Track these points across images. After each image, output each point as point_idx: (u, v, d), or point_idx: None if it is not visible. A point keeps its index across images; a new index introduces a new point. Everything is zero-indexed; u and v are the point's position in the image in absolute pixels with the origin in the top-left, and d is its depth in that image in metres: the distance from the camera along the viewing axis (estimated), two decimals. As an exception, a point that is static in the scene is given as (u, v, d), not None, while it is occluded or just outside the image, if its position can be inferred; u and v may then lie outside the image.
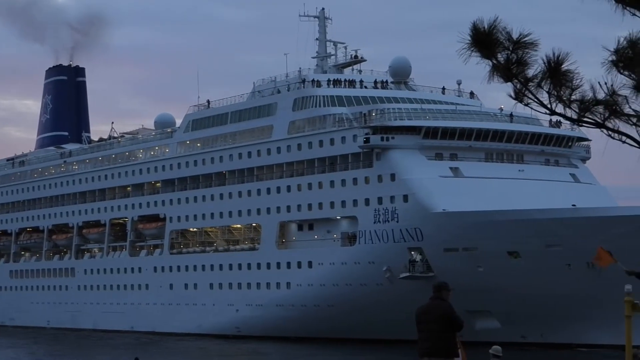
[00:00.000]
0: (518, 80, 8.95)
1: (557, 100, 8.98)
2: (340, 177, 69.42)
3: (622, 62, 8.95)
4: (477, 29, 8.75)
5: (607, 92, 8.97)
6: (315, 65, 79.64)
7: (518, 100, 9.13)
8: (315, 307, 68.06)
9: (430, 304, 13.27)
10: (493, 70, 8.90)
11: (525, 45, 8.81)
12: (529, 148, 67.98)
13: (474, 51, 8.84)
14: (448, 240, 60.99)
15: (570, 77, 8.89)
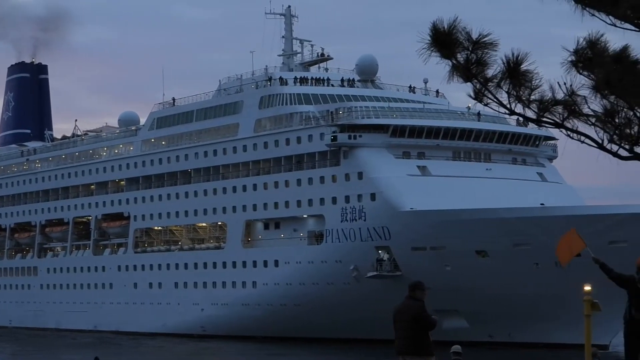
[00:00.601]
0: (477, 80, 9.13)
1: (516, 100, 9.19)
2: (307, 176, 69.62)
3: (581, 63, 9.17)
4: (436, 29, 8.94)
5: (566, 93, 9.19)
6: (281, 63, 79.74)
7: (477, 100, 9.34)
8: (281, 306, 68.24)
9: (405, 303, 13.90)
10: (453, 70, 9.10)
11: (485, 46, 8.97)
12: (496, 147, 68.46)
13: (434, 51, 9.03)
14: (416, 239, 61.35)
15: (530, 77, 9.08)
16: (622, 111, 9.08)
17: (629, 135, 9.09)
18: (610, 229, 53.95)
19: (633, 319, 14.32)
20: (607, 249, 49.15)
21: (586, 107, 9.25)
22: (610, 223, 54.38)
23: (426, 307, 13.91)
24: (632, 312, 14.33)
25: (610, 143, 9.23)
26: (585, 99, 9.21)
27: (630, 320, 14.36)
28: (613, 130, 9.15)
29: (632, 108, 9.04)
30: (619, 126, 9.12)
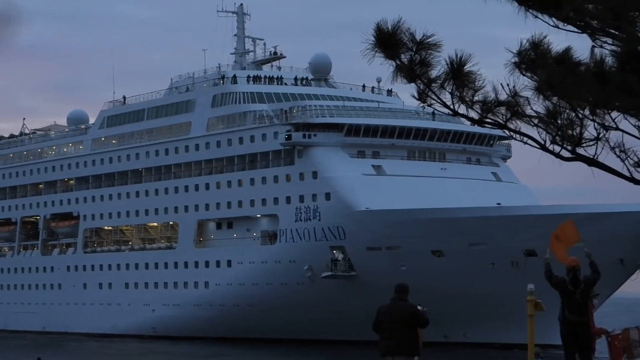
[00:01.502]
0: (421, 81, 9.33)
1: (459, 101, 9.40)
2: (260, 175, 69.73)
3: (524, 64, 9.40)
4: (380, 30, 9.13)
5: (509, 94, 9.42)
6: (233, 61, 79.79)
7: (421, 101, 9.53)
8: (234, 306, 68.29)
9: (394, 304, 14.38)
10: (397, 70, 9.30)
11: (429, 47, 9.15)
12: (451, 146, 68.95)
13: (378, 52, 9.22)
14: (371, 239, 61.68)
15: (473, 78, 9.27)
16: (564, 112, 9.32)
17: (571, 137, 9.33)
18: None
19: (566, 319, 14.71)
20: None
21: (529, 108, 9.49)
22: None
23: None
24: (565, 314, 14.71)
25: (553, 144, 9.48)
26: (528, 100, 9.42)
27: (564, 321, 14.75)
28: (555, 131, 9.39)
29: (574, 109, 9.29)
30: (561, 127, 9.36)
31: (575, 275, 14.74)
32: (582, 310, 14.78)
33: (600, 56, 9.21)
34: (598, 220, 54.46)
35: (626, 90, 8.99)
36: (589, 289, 14.93)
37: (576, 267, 14.83)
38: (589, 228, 54.21)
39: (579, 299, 14.73)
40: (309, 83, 75.12)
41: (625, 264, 56.25)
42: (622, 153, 9.20)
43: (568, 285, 14.70)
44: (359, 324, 61.65)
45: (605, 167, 9.37)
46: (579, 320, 14.73)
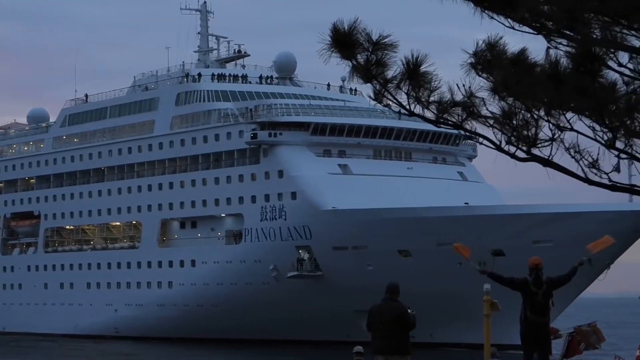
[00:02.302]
0: (377, 81, 9.46)
1: (415, 101, 9.55)
2: (225, 174, 69.77)
3: (480, 65, 9.56)
4: (337, 30, 9.26)
5: (465, 94, 9.58)
6: (197, 59, 79.75)
7: (377, 101, 9.65)
8: (198, 307, 68.30)
9: (385, 304, 14.74)
10: (353, 70, 9.43)
11: (385, 47, 9.29)
12: (417, 145, 69.23)
13: (334, 52, 9.35)
14: (337, 239, 61.86)
15: (429, 78, 9.43)
16: (519, 113, 9.48)
17: (527, 137, 9.48)
18: (535, 228, 55.03)
19: (528, 320, 14.90)
20: (531, 249, 50.23)
21: (485, 109, 9.63)
22: (535, 222, 55.43)
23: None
24: (527, 314, 14.91)
25: (508, 145, 9.64)
26: (484, 101, 9.58)
27: (525, 321, 14.95)
28: (511, 132, 9.54)
29: (529, 110, 9.44)
30: (516, 128, 9.51)
31: (538, 275, 14.92)
32: (544, 311, 14.98)
33: (555, 57, 9.38)
34: (565, 220, 54.94)
35: (581, 92, 9.16)
36: (551, 290, 15.12)
37: (539, 267, 15.01)
38: (556, 228, 54.87)
39: (541, 300, 14.93)
40: (273, 82, 75.21)
41: (593, 264, 56.65)
42: (577, 154, 9.37)
43: (531, 285, 14.88)
44: (324, 324, 62.18)
45: (560, 168, 9.54)
46: (541, 320, 14.93)
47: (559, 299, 54.88)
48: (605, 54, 9.34)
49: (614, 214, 54.35)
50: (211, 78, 73.72)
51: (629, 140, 9.32)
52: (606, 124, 9.27)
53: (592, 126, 9.37)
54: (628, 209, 53.48)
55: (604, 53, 9.33)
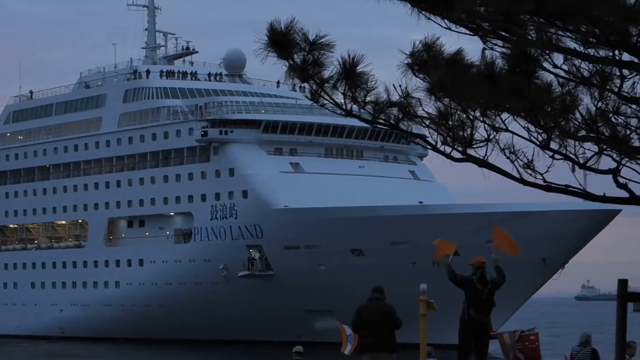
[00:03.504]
0: (314, 81, 9.60)
1: (352, 102, 9.71)
2: (174, 172, 69.72)
3: (417, 65, 9.73)
4: (274, 30, 9.40)
5: (401, 94, 9.75)
6: (144, 56, 79.58)
7: (314, 101, 9.78)
8: (146, 307, 68.18)
9: (373, 303, 15.55)
10: (289, 70, 9.57)
11: (322, 47, 9.42)
12: (368, 144, 69.54)
13: (271, 51, 9.50)
14: (289, 238, 61.99)
15: (365, 78, 9.59)
16: (455, 114, 9.67)
17: (462, 138, 9.65)
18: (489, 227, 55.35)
19: (471, 318, 15.14)
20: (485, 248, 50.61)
21: (420, 109, 9.81)
22: (490, 222, 55.72)
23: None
24: (470, 313, 15.15)
25: (444, 145, 9.82)
26: (420, 101, 9.76)
27: (467, 320, 15.18)
28: (447, 132, 9.73)
29: (465, 111, 9.62)
30: (452, 128, 9.70)
31: (483, 274, 15.18)
32: (488, 310, 15.24)
33: (491, 58, 9.56)
34: (520, 220, 55.37)
35: (516, 93, 9.33)
36: (495, 289, 15.38)
37: (483, 266, 15.27)
38: (510, 227, 55.16)
39: (486, 298, 15.18)
40: (223, 79, 75.16)
41: (548, 263, 57.35)
42: (512, 154, 9.55)
43: (476, 284, 15.11)
44: (275, 324, 62.27)
45: (495, 168, 9.72)
46: (485, 320, 15.18)
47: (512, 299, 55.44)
48: (541, 56, 9.53)
49: (569, 213, 54.93)
50: (160, 75, 73.61)
51: (564, 141, 9.52)
52: (541, 125, 9.46)
53: (527, 127, 9.55)
54: (583, 208, 54.08)
55: (539, 54, 9.52)
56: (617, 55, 9.46)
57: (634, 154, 9.69)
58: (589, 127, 9.46)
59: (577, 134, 9.52)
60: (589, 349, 19.32)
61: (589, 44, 9.49)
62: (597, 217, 56.10)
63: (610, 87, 9.48)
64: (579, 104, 9.49)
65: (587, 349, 19.35)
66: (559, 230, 55.52)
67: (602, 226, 57.76)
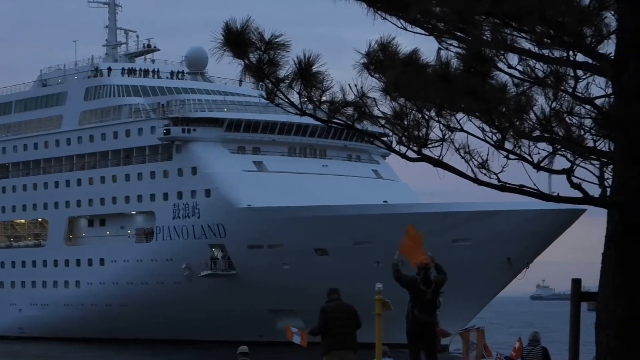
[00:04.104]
0: (270, 81, 9.65)
1: (307, 101, 9.77)
2: (136, 171, 69.62)
3: (373, 65, 9.82)
4: (229, 29, 9.44)
5: (357, 94, 9.82)
6: (105, 53, 79.35)
7: (270, 101, 9.82)
8: (106, 306, 68.05)
9: (338, 304, 16.22)
10: (245, 69, 9.62)
11: (277, 46, 9.47)
12: (331, 143, 69.73)
13: (227, 51, 9.55)
14: (252, 237, 62.05)
15: (321, 78, 9.65)
16: (410, 113, 9.74)
17: (417, 137, 9.72)
18: (454, 227, 55.73)
19: (416, 319, 15.30)
20: (450, 247, 50.96)
21: (376, 109, 9.89)
22: (454, 221, 56.10)
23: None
24: (414, 313, 15.30)
25: (399, 145, 9.90)
26: (376, 101, 9.83)
27: (412, 320, 15.35)
28: (402, 132, 9.81)
29: (420, 110, 9.70)
30: (407, 128, 9.78)
31: (427, 274, 15.32)
32: (432, 310, 15.39)
33: (446, 58, 9.65)
34: (484, 219, 55.69)
35: (471, 93, 9.43)
36: (439, 289, 15.54)
37: (427, 266, 15.42)
38: (475, 227, 55.62)
39: (430, 299, 15.33)
40: (185, 77, 75.06)
41: (513, 263, 57.72)
42: (467, 154, 9.63)
43: (420, 284, 15.25)
44: (238, 324, 62.24)
45: (450, 168, 9.81)
46: (430, 319, 15.33)
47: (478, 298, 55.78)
48: (496, 56, 9.63)
49: (533, 212, 55.27)
50: (121, 73, 73.46)
51: (518, 141, 9.62)
52: (495, 125, 9.54)
53: (482, 127, 9.63)
54: (548, 208, 54.50)
55: (494, 55, 9.61)
56: (571, 56, 9.58)
57: (587, 154, 9.83)
58: (543, 127, 9.57)
59: (532, 134, 9.62)
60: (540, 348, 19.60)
61: (543, 45, 9.60)
62: (562, 217, 56.51)
63: (564, 87, 9.59)
64: (534, 104, 9.59)
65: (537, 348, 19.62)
66: (524, 230, 55.90)
67: (567, 226, 58.23)
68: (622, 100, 9.59)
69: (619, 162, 9.71)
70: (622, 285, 9.70)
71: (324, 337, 15.83)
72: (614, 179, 9.79)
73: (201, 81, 75.27)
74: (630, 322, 9.67)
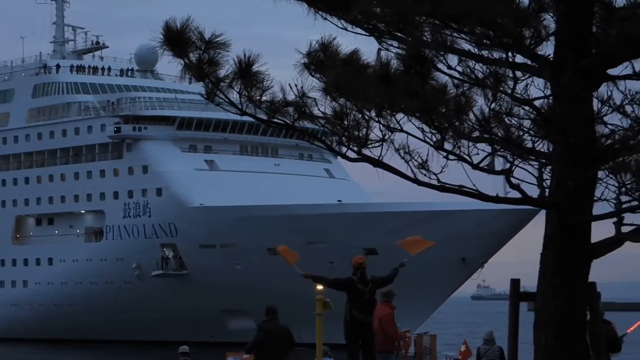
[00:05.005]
0: (210, 80, 9.75)
1: (247, 101, 9.87)
2: (86, 169, 69.31)
3: (313, 65, 9.92)
4: (169, 28, 9.51)
5: (297, 94, 9.93)
6: (53, 50, 78.82)
7: (210, 100, 9.90)
8: (55, 306, 67.69)
9: (275, 324, 16.57)
10: (185, 69, 9.69)
11: (217, 46, 9.57)
12: (283, 141, 69.76)
13: (167, 50, 9.62)
14: (204, 237, 61.97)
15: (261, 78, 9.75)
16: (351, 113, 9.86)
17: (357, 138, 9.85)
18: (410, 226, 55.80)
19: (354, 319, 15.40)
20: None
21: (316, 108, 9.99)
22: (410, 220, 56.23)
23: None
24: (352, 313, 15.40)
25: (340, 145, 10.02)
26: (316, 101, 9.94)
27: (351, 321, 15.46)
28: (342, 132, 9.94)
29: (360, 111, 9.82)
30: (347, 128, 9.90)
31: (363, 273, 15.38)
32: (370, 310, 15.48)
33: (386, 59, 9.78)
34: (441, 218, 55.92)
35: (411, 93, 9.56)
36: (376, 288, 15.62)
37: (363, 265, 15.46)
38: (430, 226, 55.74)
39: (368, 298, 15.43)
40: (134, 74, 74.78)
41: (467, 263, 58.08)
42: (407, 154, 9.75)
43: (357, 284, 15.33)
44: (189, 324, 62.12)
45: (390, 168, 9.93)
46: (367, 319, 15.43)
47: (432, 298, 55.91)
48: (435, 57, 9.77)
49: (490, 212, 55.58)
50: (70, 70, 73.07)
51: (457, 142, 9.76)
52: (435, 126, 9.67)
53: (422, 127, 9.76)
54: (503, 208, 54.89)
55: (434, 55, 9.75)
56: (510, 57, 9.74)
57: (526, 155, 9.99)
58: (482, 128, 9.70)
59: (471, 135, 9.75)
60: (497, 347, 19.82)
61: (483, 46, 9.74)
62: (517, 217, 56.87)
63: (503, 88, 9.73)
64: (473, 105, 9.71)
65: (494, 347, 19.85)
66: (479, 230, 56.25)
67: (522, 226, 58.60)
68: (560, 102, 9.76)
69: (558, 162, 9.88)
70: (560, 286, 9.87)
71: (259, 357, 16.29)
72: (552, 179, 9.96)
73: (151, 79, 75.05)
74: (568, 322, 9.84)
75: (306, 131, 10.19)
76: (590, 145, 9.75)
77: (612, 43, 9.42)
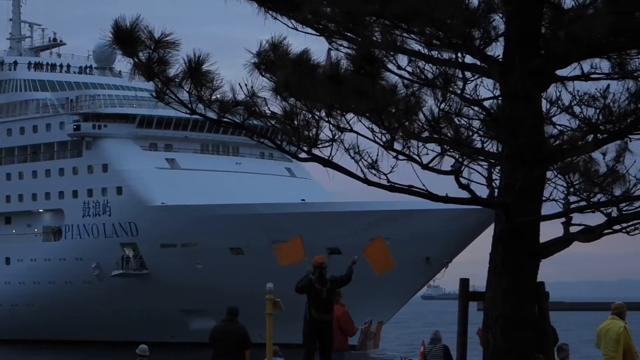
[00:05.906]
0: (159, 79, 9.81)
1: (197, 100, 9.95)
2: (44, 167, 68.92)
3: (263, 65, 10.01)
4: (119, 27, 9.58)
5: (247, 94, 10.01)
6: (9, 47, 78.26)
7: (159, 100, 9.96)
8: (12, 306, 67.30)
9: (227, 325, 16.74)
10: (135, 68, 9.76)
11: (167, 45, 9.64)
12: (244, 140, 69.61)
13: (116, 48, 9.68)
14: (165, 236, 61.81)
15: (211, 77, 9.82)
16: (301, 113, 9.96)
17: (307, 137, 9.96)
18: (374, 225, 56.02)
19: (313, 318, 15.54)
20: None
21: (266, 108, 10.09)
22: (374, 219, 56.39)
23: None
24: (312, 312, 15.55)
25: (290, 144, 10.12)
26: (266, 101, 10.04)
27: (310, 320, 15.59)
28: (292, 132, 10.04)
29: (310, 110, 9.92)
30: (297, 128, 10.00)
31: (322, 273, 15.53)
32: (328, 309, 15.64)
33: (336, 59, 9.88)
34: (406, 217, 55.97)
35: (360, 93, 9.66)
36: (335, 288, 15.78)
37: (322, 265, 15.62)
38: (394, 226, 55.92)
39: (326, 297, 15.56)
40: (92, 72, 74.42)
41: (431, 262, 58.27)
42: (357, 154, 9.86)
43: (315, 283, 15.48)
44: (149, 324, 61.95)
45: (340, 168, 10.04)
46: (325, 318, 15.57)
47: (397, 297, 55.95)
48: (385, 57, 9.88)
49: (453, 211, 55.71)
50: (28, 67, 72.66)
51: (407, 142, 9.87)
52: (385, 126, 9.78)
53: (372, 127, 9.87)
54: (468, 207, 55.08)
55: (384, 56, 9.86)
56: (459, 58, 9.86)
57: (476, 155, 10.11)
58: (432, 128, 9.81)
59: (421, 135, 9.87)
60: (440, 346, 20.11)
61: (432, 46, 9.86)
62: (482, 216, 57.04)
63: (453, 89, 9.85)
64: (423, 106, 9.82)
65: (438, 345, 20.14)
66: (443, 229, 56.42)
67: (487, 225, 58.67)
68: (509, 102, 9.90)
69: (506, 163, 10.02)
70: (509, 285, 10.00)
71: (213, 356, 16.69)
72: (501, 179, 10.10)
73: (110, 76, 74.76)
74: (516, 322, 9.98)
75: (255, 130, 10.25)
76: (538, 145, 9.88)
77: (561, 44, 9.55)
